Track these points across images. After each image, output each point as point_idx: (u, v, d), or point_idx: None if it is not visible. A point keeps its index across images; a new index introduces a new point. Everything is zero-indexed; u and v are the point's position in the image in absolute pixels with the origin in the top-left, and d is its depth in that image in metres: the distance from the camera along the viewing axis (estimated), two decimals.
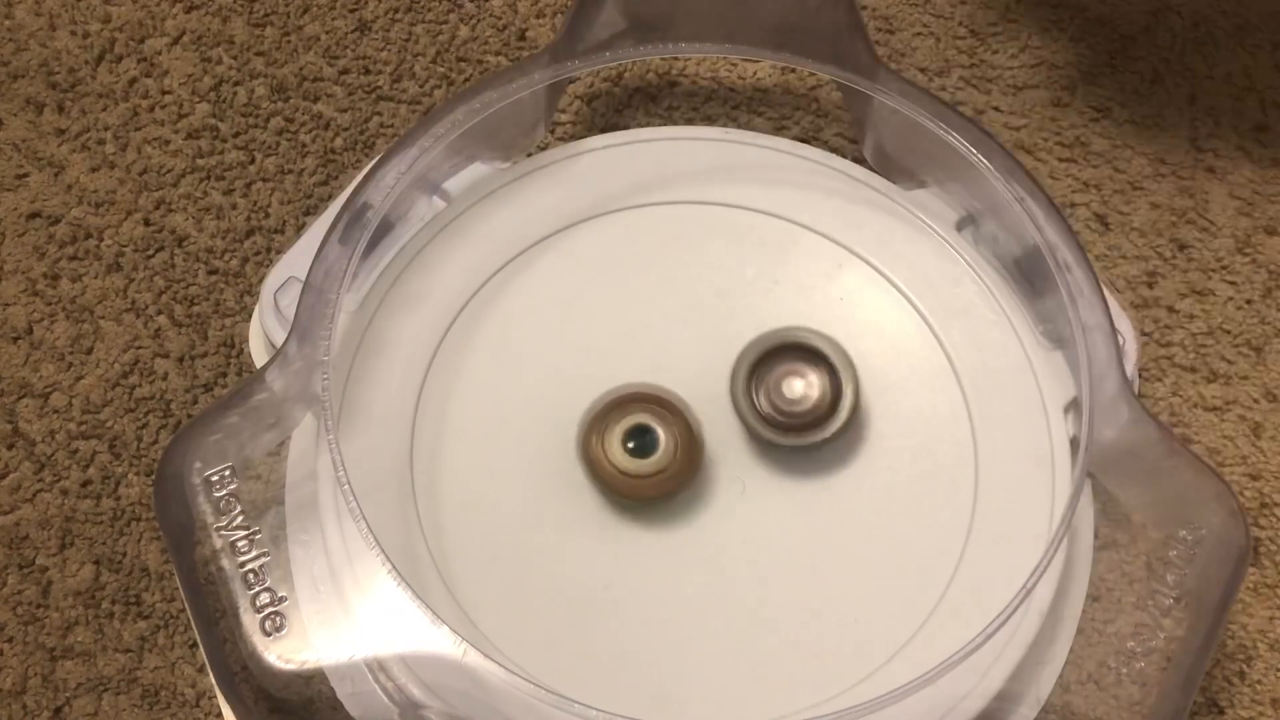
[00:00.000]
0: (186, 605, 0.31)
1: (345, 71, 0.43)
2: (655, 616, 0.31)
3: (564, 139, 0.42)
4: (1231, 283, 0.41)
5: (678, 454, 0.31)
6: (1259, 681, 0.36)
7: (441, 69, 0.43)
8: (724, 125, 0.42)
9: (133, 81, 0.43)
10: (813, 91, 0.43)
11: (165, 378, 0.39)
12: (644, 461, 0.31)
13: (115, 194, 0.41)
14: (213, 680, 0.30)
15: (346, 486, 0.30)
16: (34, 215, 0.41)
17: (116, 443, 0.38)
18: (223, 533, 0.30)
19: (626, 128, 0.41)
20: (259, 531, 0.31)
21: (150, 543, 0.37)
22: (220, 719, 0.36)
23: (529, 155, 0.37)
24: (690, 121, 0.42)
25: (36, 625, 0.37)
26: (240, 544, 0.30)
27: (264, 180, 0.41)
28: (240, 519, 0.31)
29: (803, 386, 0.32)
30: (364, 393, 0.33)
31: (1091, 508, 0.33)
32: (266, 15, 0.44)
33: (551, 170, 0.36)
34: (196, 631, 0.31)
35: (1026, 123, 0.43)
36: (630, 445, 0.32)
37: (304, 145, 0.42)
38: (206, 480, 0.31)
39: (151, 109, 0.42)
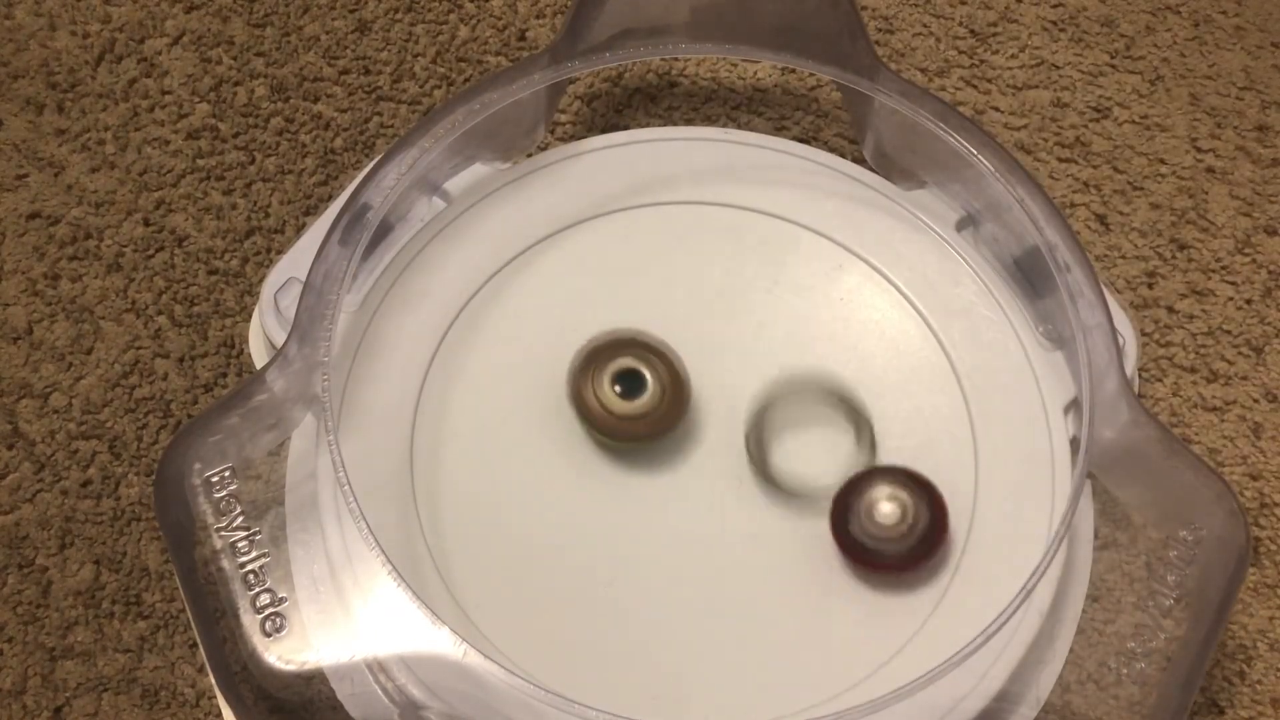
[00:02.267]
0: (186, 605, 0.31)
1: (345, 71, 0.43)
2: (656, 616, 0.31)
3: (564, 139, 0.42)
4: (1231, 283, 0.41)
5: (665, 396, 0.32)
6: (1259, 681, 0.36)
7: (441, 69, 0.43)
8: (724, 125, 0.42)
9: (133, 82, 0.42)
10: (813, 91, 0.43)
11: (165, 378, 0.39)
12: (633, 403, 0.32)
13: (115, 194, 0.41)
14: (213, 680, 0.30)
15: (346, 486, 0.30)
16: (34, 215, 0.41)
17: (116, 443, 0.38)
18: (223, 533, 0.30)
19: (626, 128, 0.41)
20: (259, 532, 0.31)
21: (150, 543, 0.37)
22: (220, 719, 0.36)
23: (529, 155, 0.37)
24: (690, 121, 0.42)
25: (36, 625, 0.37)
26: (240, 544, 0.30)
27: (264, 180, 0.41)
28: (240, 519, 0.31)
29: (895, 511, 0.31)
30: (364, 393, 0.33)
31: (1091, 508, 0.33)
32: (266, 15, 0.44)
33: (551, 170, 0.36)
34: (196, 631, 0.31)
35: (1026, 123, 0.43)
36: (618, 388, 0.32)
37: (304, 145, 0.42)
38: (206, 481, 0.31)
39: (151, 109, 0.42)
